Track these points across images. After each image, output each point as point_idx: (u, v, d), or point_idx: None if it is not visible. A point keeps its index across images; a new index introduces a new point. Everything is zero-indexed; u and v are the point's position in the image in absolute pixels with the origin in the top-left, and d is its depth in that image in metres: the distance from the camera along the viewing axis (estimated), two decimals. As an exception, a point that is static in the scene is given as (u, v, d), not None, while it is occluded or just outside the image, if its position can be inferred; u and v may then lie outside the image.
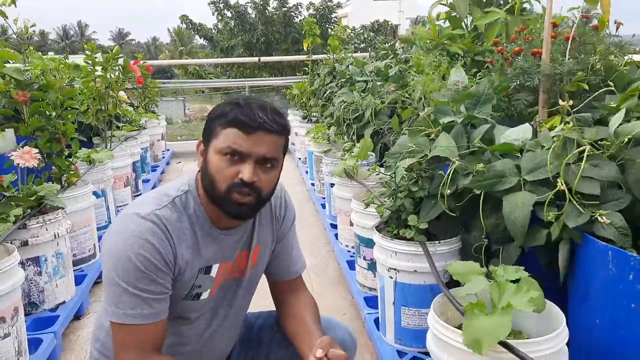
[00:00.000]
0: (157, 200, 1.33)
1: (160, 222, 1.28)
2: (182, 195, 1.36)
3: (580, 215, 1.50)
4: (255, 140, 1.27)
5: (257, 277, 1.56)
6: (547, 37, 1.94)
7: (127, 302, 1.25)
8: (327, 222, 3.84)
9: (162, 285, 1.28)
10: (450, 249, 1.97)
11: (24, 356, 2.02)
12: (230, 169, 1.27)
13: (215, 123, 1.31)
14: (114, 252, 1.26)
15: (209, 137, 1.32)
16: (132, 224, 1.27)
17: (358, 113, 3.71)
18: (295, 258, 1.61)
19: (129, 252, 1.24)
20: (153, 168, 5.91)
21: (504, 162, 1.65)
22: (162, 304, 1.29)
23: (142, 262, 1.24)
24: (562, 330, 1.36)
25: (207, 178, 1.30)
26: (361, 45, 14.94)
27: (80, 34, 54.83)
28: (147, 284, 1.26)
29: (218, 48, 17.95)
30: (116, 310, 1.25)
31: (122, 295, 1.25)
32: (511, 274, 1.43)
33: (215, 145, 1.28)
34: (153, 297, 1.27)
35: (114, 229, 1.32)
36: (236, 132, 1.26)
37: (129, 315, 1.25)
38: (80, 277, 2.81)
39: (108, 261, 1.27)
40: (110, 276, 1.26)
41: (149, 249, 1.25)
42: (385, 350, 2.11)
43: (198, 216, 1.35)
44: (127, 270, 1.24)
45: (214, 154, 1.29)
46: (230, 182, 1.27)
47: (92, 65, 3.99)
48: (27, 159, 2.37)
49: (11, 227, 2.19)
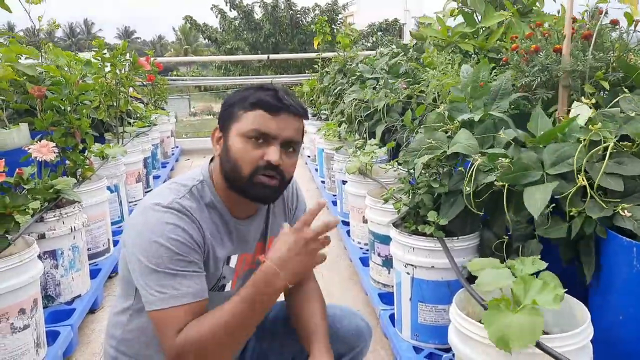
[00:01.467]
0: (174, 191, 1.31)
1: (185, 210, 1.27)
2: (197, 184, 1.34)
3: (602, 210, 1.50)
4: (281, 122, 1.27)
5: None
6: (568, 32, 1.94)
7: (170, 284, 1.20)
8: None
9: (197, 265, 1.25)
10: (469, 245, 1.97)
11: (42, 348, 2.03)
12: (256, 152, 1.26)
13: (236, 107, 1.29)
14: (143, 244, 1.22)
15: (228, 123, 1.30)
16: (157, 214, 1.24)
17: (369, 110, 3.71)
18: None
19: (158, 237, 1.21)
20: (163, 164, 5.93)
21: (527, 155, 1.65)
22: (203, 281, 1.25)
23: (174, 245, 1.21)
24: (587, 327, 1.36)
25: (229, 163, 1.29)
26: (369, 45, 14.94)
27: (87, 31, 54.93)
28: (184, 266, 1.22)
29: (222, 49, 17.93)
30: (161, 296, 1.19)
31: (163, 280, 1.20)
32: (529, 267, 1.43)
33: (238, 129, 1.27)
34: (193, 273, 1.23)
35: (137, 221, 1.28)
36: (262, 113, 1.26)
37: (175, 297, 1.19)
38: (95, 271, 2.82)
39: (137, 254, 1.22)
40: (145, 267, 1.21)
41: (179, 232, 1.23)
42: (401, 347, 2.10)
43: (215, 205, 1.35)
44: (161, 256, 1.20)
45: (237, 138, 1.27)
46: (256, 165, 1.26)
47: (101, 61, 4.00)
48: (44, 153, 2.37)
49: (30, 220, 2.20)
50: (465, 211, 1.90)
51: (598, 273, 1.55)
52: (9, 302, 1.87)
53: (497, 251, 1.82)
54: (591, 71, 1.87)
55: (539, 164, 1.64)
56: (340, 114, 4.47)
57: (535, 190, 1.54)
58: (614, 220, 1.47)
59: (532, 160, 1.63)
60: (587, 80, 1.90)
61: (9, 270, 1.86)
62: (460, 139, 1.90)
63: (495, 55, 2.94)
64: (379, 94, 3.55)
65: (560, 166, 1.61)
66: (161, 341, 1.21)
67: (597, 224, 1.50)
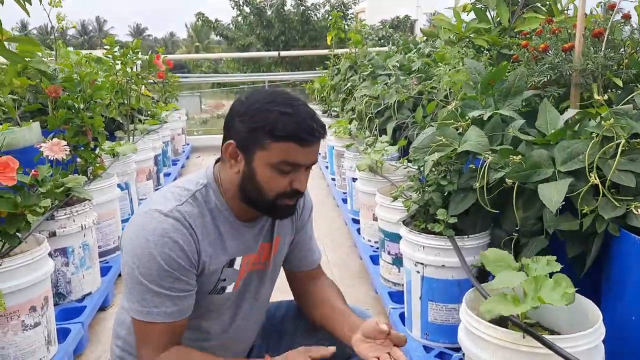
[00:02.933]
0: (177, 196, 1.30)
1: (183, 219, 1.26)
2: (202, 189, 1.33)
3: (615, 208, 1.48)
4: (310, 151, 1.26)
5: (278, 268, 1.56)
6: (580, 30, 1.91)
7: (151, 300, 1.23)
8: (348, 216, 3.83)
9: (186, 283, 1.26)
10: (479, 243, 1.95)
11: (53, 345, 2.04)
12: (284, 181, 1.26)
13: (262, 134, 1.22)
14: (137, 250, 1.23)
15: (252, 148, 1.25)
16: (154, 222, 1.24)
17: (380, 107, 3.69)
18: (313, 248, 1.61)
19: (153, 250, 1.21)
20: (174, 162, 5.95)
21: (539, 152, 1.63)
22: (185, 302, 1.28)
23: (166, 260, 1.22)
24: (598, 327, 1.34)
25: (253, 186, 1.27)
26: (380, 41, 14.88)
27: (99, 29, 55.28)
28: (172, 282, 1.24)
29: (234, 45, 17.92)
30: (140, 308, 1.24)
31: (146, 294, 1.23)
32: (543, 267, 1.41)
33: (266, 159, 1.23)
34: (177, 295, 1.25)
35: (135, 225, 1.28)
36: (294, 146, 1.22)
37: (153, 314, 1.23)
38: (105, 269, 2.84)
39: (130, 259, 1.24)
40: (133, 274, 1.23)
41: (173, 247, 1.23)
42: (411, 346, 2.09)
43: (220, 210, 1.33)
44: (151, 269, 1.22)
45: (264, 167, 1.24)
46: (282, 192, 1.27)
47: (112, 59, 4.01)
48: (56, 151, 2.38)
49: (40, 218, 2.21)
50: (475, 209, 1.89)
51: (609, 273, 1.53)
52: (20, 300, 1.89)
53: (505, 248, 1.80)
54: (603, 69, 1.85)
55: (550, 161, 1.62)
56: (351, 110, 4.45)
57: (550, 186, 1.52)
58: (627, 219, 1.45)
59: (543, 158, 1.61)
60: (599, 79, 1.87)
61: (20, 268, 1.88)
62: (471, 136, 1.88)
63: (508, 52, 2.91)
64: (390, 90, 3.53)
65: (572, 163, 1.59)
66: (137, 347, 1.28)
67: (609, 222, 1.48)
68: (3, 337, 1.84)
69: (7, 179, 1.76)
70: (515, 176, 1.60)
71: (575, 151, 1.60)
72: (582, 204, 1.52)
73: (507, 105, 2.00)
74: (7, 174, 1.76)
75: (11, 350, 1.87)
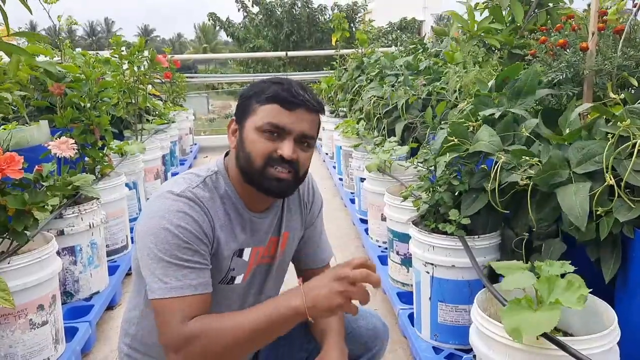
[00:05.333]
0: (188, 181, 1.31)
1: (196, 199, 1.27)
2: (212, 175, 1.35)
3: (630, 209, 1.45)
4: (296, 117, 1.26)
5: (286, 265, 1.55)
6: (593, 28, 1.88)
7: (173, 274, 1.20)
8: (356, 216, 3.81)
9: (203, 257, 1.25)
10: (490, 244, 1.93)
11: (60, 344, 2.03)
12: (269, 145, 1.26)
13: (252, 100, 1.29)
14: (152, 229, 1.22)
15: (244, 115, 1.31)
16: (168, 201, 1.25)
17: (388, 107, 3.67)
18: (323, 245, 1.59)
19: (168, 224, 1.21)
20: (181, 162, 5.95)
21: (555, 154, 1.61)
22: (207, 275, 1.25)
23: (182, 233, 1.22)
24: (613, 329, 1.32)
25: (243, 155, 1.29)
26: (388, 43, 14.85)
27: (107, 30, 55.51)
28: (191, 255, 1.22)
29: (244, 46, 17.91)
30: (163, 286, 1.19)
31: (167, 269, 1.20)
32: (556, 269, 1.39)
33: (254, 122, 1.27)
34: (199, 267, 1.23)
35: (149, 208, 1.29)
36: (277, 108, 1.26)
37: (178, 288, 1.19)
38: (113, 268, 2.83)
39: (146, 239, 1.23)
40: (152, 253, 1.21)
41: (189, 220, 1.23)
42: (420, 347, 2.07)
43: (230, 196, 1.34)
44: (168, 242, 1.21)
45: (251, 131, 1.27)
46: (268, 158, 1.26)
47: (119, 59, 4.01)
48: (63, 149, 2.38)
49: (49, 217, 2.21)
50: (486, 209, 1.87)
51: (625, 274, 1.50)
52: (28, 298, 1.88)
53: (517, 249, 1.78)
54: (619, 69, 1.82)
55: (564, 163, 1.59)
56: (359, 111, 4.44)
57: (571, 194, 1.50)
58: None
59: (559, 159, 1.59)
60: (614, 78, 1.84)
61: (28, 266, 1.87)
62: (483, 136, 1.86)
63: (520, 52, 2.88)
64: (398, 91, 3.51)
65: (587, 164, 1.56)
66: (162, 329, 1.20)
67: (624, 224, 1.46)
68: (11, 335, 1.83)
69: (14, 172, 1.76)
70: (538, 179, 1.57)
71: (590, 152, 1.57)
72: (598, 205, 1.50)
73: (520, 104, 1.97)
74: (14, 168, 1.76)
75: (19, 349, 1.86)
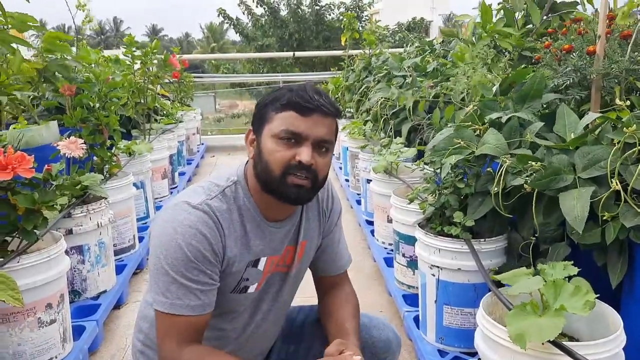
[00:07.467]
0: (207, 191, 1.32)
1: (211, 212, 1.28)
2: (231, 185, 1.35)
3: (637, 215, 1.45)
4: (312, 123, 1.26)
5: (302, 272, 1.55)
6: (602, 32, 1.88)
7: (175, 292, 1.24)
8: (362, 218, 3.81)
9: (210, 277, 1.27)
10: (496, 247, 1.93)
11: (68, 343, 2.05)
12: (287, 152, 1.26)
13: (268, 108, 1.29)
14: (164, 240, 1.25)
15: (261, 124, 1.31)
16: (184, 213, 1.26)
17: (396, 109, 3.67)
18: (341, 253, 1.58)
19: (180, 240, 1.23)
20: (188, 161, 5.97)
21: (558, 158, 1.60)
22: (209, 296, 1.28)
23: (192, 252, 1.23)
24: (619, 334, 1.32)
25: (261, 164, 1.29)
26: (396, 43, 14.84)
27: (115, 29, 55.71)
28: (197, 275, 1.24)
29: (252, 45, 17.89)
30: (164, 300, 1.24)
31: (171, 285, 1.24)
32: (560, 271, 1.39)
33: (270, 130, 1.27)
34: (201, 289, 1.26)
35: (164, 217, 1.30)
36: (293, 114, 1.26)
37: (177, 306, 1.24)
38: (120, 267, 2.85)
39: (157, 249, 1.26)
40: (160, 265, 1.24)
41: (200, 239, 1.24)
42: (426, 350, 2.08)
43: (248, 208, 1.34)
44: (177, 259, 1.23)
45: (269, 139, 1.27)
46: (287, 165, 1.26)
47: (132, 59, 4.03)
48: (72, 149, 2.40)
49: (58, 216, 2.23)
50: (492, 213, 1.87)
51: (632, 279, 1.50)
52: (37, 297, 1.90)
53: (523, 252, 1.78)
54: (627, 73, 1.81)
55: (570, 168, 1.59)
56: (366, 112, 4.43)
57: (572, 198, 1.50)
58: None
59: (564, 164, 1.58)
60: (623, 83, 1.83)
61: (37, 265, 1.89)
62: (489, 139, 1.86)
63: (530, 54, 2.87)
64: (406, 93, 3.51)
65: (593, 170, 1.56)
66: (159, 340, 1.27)
67: (631, 229, 1.45)
68: (19, 333, 1.85)
69: (25, 171, 1.78)
70: (536, 184, 1.58)
71: (596, 157, 1.57)
72: (604, 210, 1.49)
73: (526, 108, 1.97)
74: (24, 166, 1.77)
75: (27, 347, 1.88)
